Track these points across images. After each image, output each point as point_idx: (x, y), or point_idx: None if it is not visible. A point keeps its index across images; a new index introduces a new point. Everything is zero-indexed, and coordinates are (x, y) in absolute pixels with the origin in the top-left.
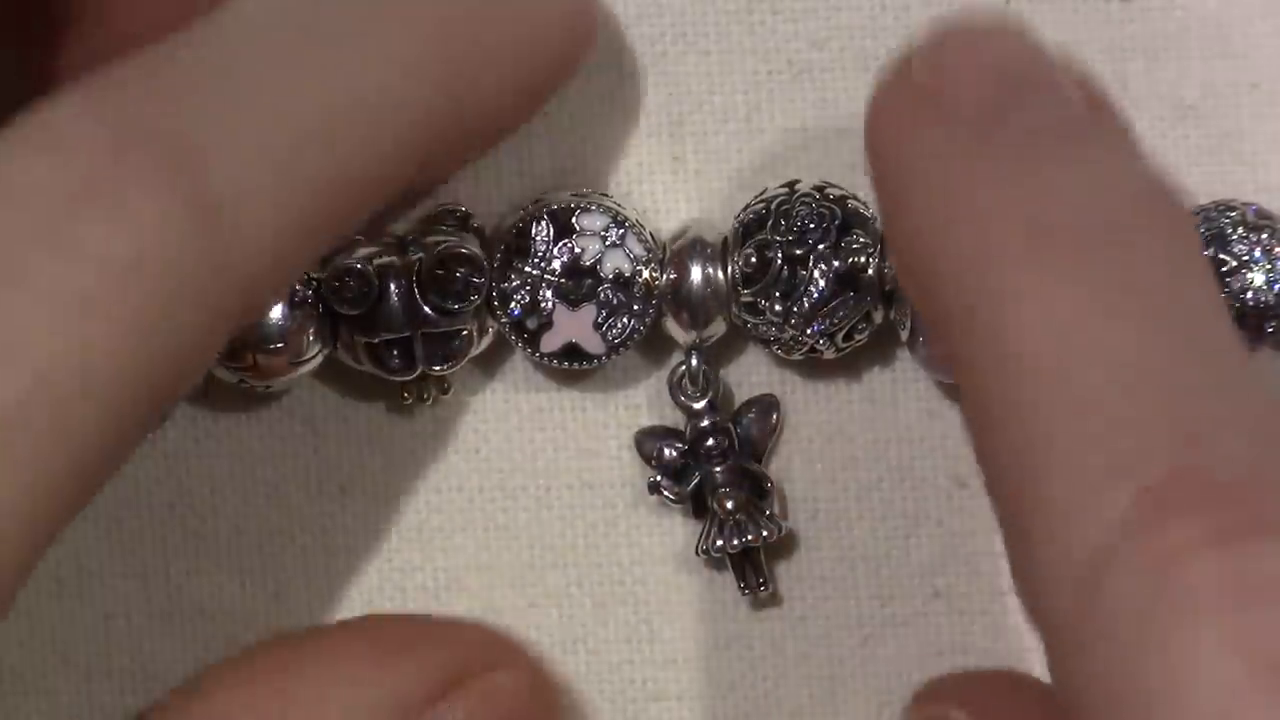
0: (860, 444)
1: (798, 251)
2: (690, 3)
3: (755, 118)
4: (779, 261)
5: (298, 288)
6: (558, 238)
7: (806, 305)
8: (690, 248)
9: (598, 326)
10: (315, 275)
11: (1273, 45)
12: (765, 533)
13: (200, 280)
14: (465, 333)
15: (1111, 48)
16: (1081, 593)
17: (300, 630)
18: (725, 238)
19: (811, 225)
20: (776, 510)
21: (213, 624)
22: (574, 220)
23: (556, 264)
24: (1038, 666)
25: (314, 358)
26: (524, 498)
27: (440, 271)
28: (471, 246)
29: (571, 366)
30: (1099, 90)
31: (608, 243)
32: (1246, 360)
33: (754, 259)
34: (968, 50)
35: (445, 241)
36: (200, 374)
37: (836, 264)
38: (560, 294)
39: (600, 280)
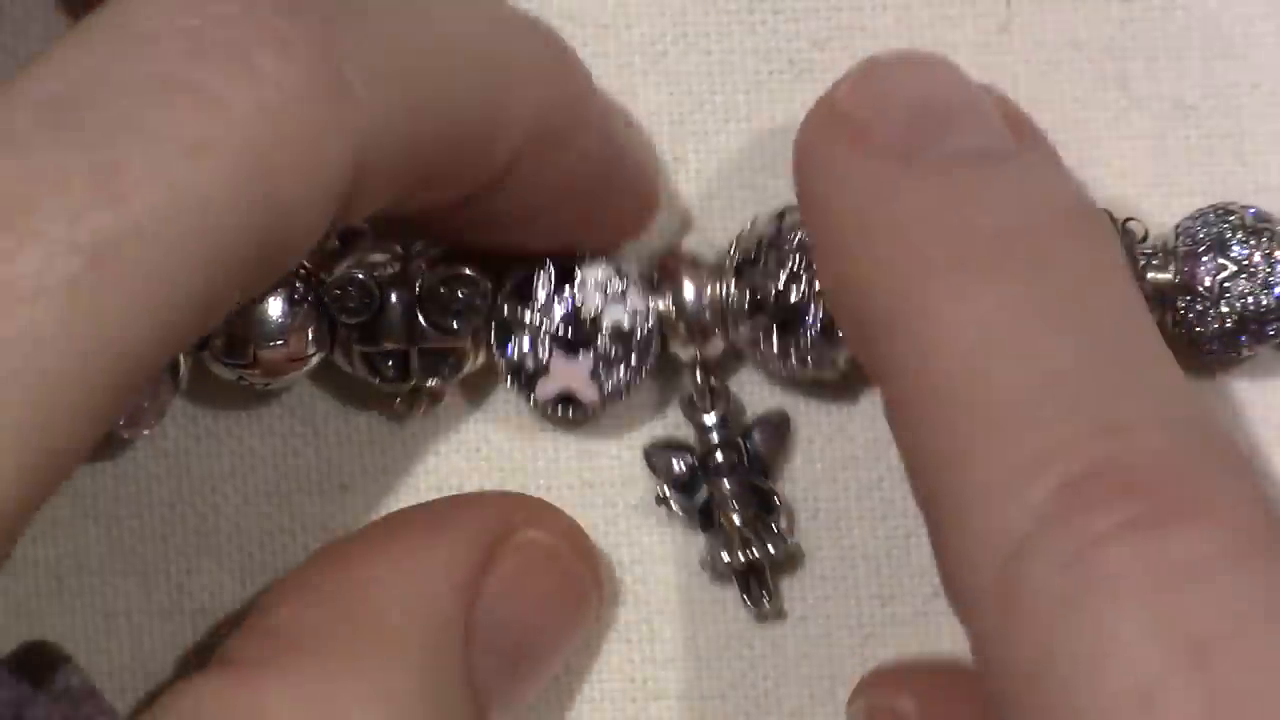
0: (860, 444)
1: (793, 297)
2: (690, 3)
3: (756, 118)
4: (774, 305)
5: (298, 286)
6: (559, 287)
7: (806, 344)
8: (686, 268)
9: (594, 376)
10: (317, 271)
11: (1273, 45)
12: (772, 549)
13: (314, 144)
14: (461, 350)
15: (1111, 48)
16: (1003, 578)
17: (347, 536)
18: (722, 260)
19: (805, 264)
20: (785, 526)
21: (213, 622)
22: (576, 270)
23: (557, 313)
24: None
25: (312, 357)
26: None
27: (443, 290)
28: (475, 269)
29: (565, 415)
30: (1020, 114)
31: (608, 295)
32: (1168, 357)
33: (749, 301)
34: (892, 82)
35: (450, 260)
36: (304, 249)
37: None
38: (558, 343)
39: (599, 332)
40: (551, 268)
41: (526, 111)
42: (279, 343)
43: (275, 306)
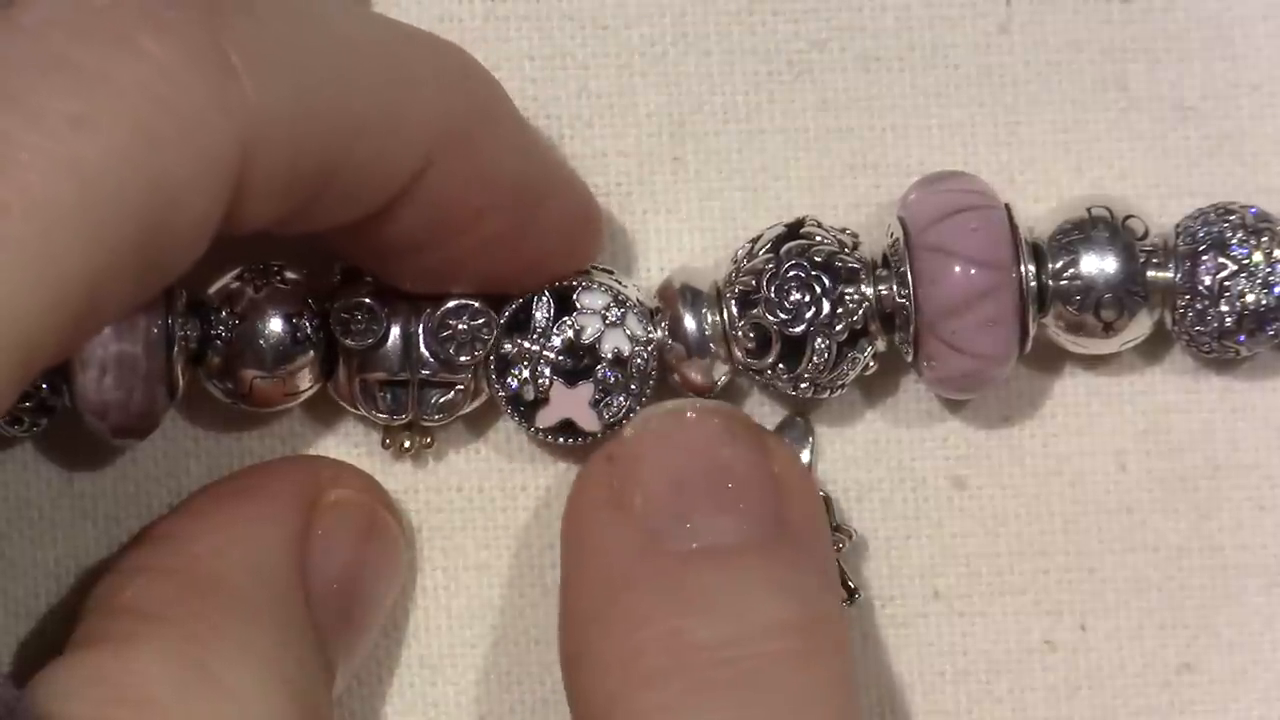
0: (860, 444)
1: (795, 330)
2: (690, 3)
3: (755, 118)
4: (779, 344)
5: (304, 317)
6: (558, 316)
7: (813, 370)
8: (684, 300)
9: (594, 404)
10: (321, 303)
11: (1273, 46)
12: (836, 545)
13: (198, 121)
14: (462, 388)
15: (1111, 48)
16: None
17: (165, 516)
18: (719, 288)
19: (805, 298)
20: (840, 521)
21: None
22: (575, 298)
23: (556, 341)
24: (1038, 668)
25: (308, 390)
26: (524, 497)
27: (451, 321)
28: (482, 301)
29: (566, 442)
30: (799, 492)
31: (607, 322)
32: None
33: (753, 336)
34: (657, 453)
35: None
36: (197, 243)
37: (838, 328)
38: (559, 371)
39: (599, 359)
40: (549, 296)
41: (428, 114)
42: (276, 375)
43: (275, 325)
